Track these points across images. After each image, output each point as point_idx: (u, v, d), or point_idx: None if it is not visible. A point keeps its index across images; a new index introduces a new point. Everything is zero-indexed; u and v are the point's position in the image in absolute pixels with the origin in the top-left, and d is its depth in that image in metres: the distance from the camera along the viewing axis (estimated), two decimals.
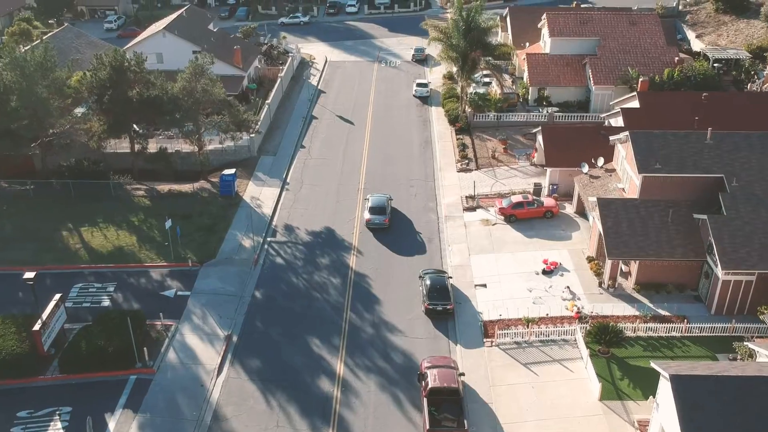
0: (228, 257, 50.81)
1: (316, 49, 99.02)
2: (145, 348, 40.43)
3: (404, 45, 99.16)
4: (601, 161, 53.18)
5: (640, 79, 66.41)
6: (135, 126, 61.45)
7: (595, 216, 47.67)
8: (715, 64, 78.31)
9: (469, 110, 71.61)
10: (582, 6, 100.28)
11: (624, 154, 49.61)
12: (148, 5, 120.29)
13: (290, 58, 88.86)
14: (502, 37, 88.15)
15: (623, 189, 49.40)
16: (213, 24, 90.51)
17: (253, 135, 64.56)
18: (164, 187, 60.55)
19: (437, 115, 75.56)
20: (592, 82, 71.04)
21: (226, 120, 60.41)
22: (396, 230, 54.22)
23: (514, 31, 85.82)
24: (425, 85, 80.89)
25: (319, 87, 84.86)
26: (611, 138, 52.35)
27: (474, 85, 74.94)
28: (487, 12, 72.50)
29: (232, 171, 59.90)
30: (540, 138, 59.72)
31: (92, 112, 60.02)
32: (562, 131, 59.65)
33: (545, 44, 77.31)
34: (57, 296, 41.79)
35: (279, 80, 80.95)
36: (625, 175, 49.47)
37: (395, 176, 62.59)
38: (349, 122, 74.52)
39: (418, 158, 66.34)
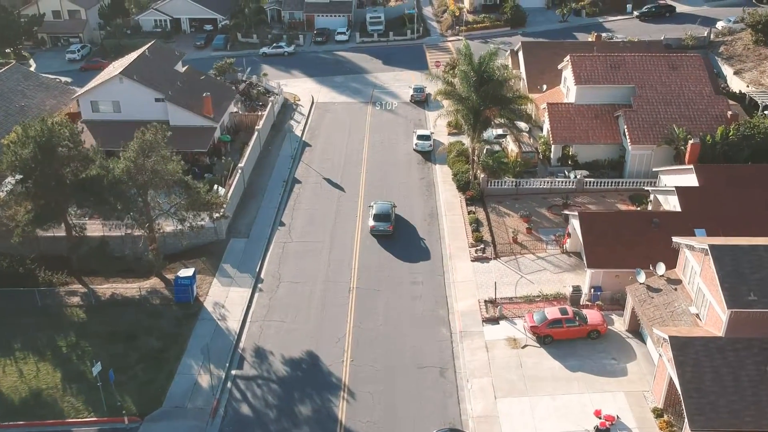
0: (178, 405, 38.76)
1: (301, 86, 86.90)
2: None
3: (401, 81, 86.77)
4: (661, 269, 41.38)
5: (690, 142, 54.93)
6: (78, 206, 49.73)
7: (664, 357, 35.91)
8: (766, 111, 66.89)
9: (482, 175, 59.71)
10: (602, 36, 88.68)
11: (698, 269, 37.73)
12: (116, 32, 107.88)
13: (270, 103, 76.68)
14: (513, 76, 76.07)
15: (698, 315, 37.57)
16: (182, 62, 78.18)
17: (218, 216, 52.24)
18: (106, 290, 48.45)
19: (443, 176, 63.52)
20: (628, 140, 59.27)
21: (183, 205, 48.26)
22: (396, 359, 42.28)
23: (528, 71, 74.06)
24: (428, 138, 68.78)
25: (303, 138, 72.76)
26: (675, 240, 40.67)
27: (484, 142, 62.73)
28: (495, 43, 60.52)
29: (189, 272, 47.56)
30: (576, 224, 48.01)
31: (14, 196, 47.89)
32: (604, 219, 47.65)
33: (569, 91, 65.46)
34: None
35: (256, 133, 68.90)
36: (699, 296, 37.58)
37: (395, 268, 50.73)
38: (339, 188, 62.49)
39: (423, 240, 54.42)
